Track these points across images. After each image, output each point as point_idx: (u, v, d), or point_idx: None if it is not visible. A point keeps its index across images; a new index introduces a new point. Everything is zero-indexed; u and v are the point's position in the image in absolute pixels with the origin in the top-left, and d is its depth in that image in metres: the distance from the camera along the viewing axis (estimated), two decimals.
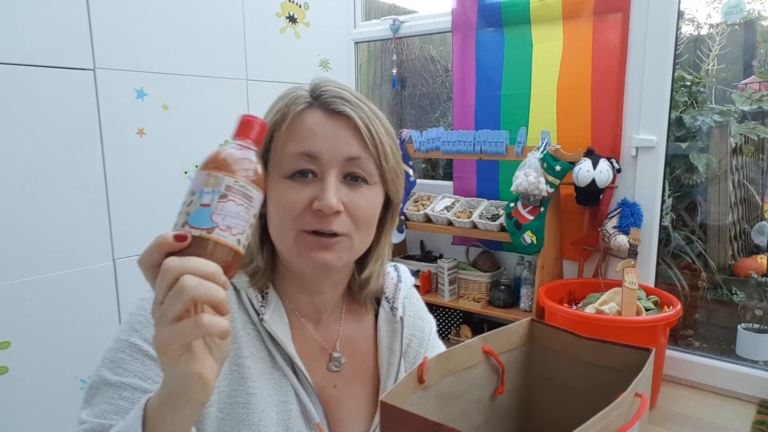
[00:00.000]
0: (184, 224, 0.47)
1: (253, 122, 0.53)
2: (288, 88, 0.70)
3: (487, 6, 2.10)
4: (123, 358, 0.62)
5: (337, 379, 0.75)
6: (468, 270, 2.15)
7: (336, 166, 0.64)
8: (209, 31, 1.80)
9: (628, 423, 0.47)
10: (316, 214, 0.64)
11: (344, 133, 0.65)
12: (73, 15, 1.47)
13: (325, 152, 0.64)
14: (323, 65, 2.26)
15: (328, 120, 0.65)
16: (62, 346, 1.50)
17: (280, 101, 0.68)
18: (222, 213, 0.48)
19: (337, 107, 0.64)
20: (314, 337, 0.75)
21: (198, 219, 0.47)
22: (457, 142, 2.04)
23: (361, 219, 0.67)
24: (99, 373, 0.63)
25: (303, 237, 0.65)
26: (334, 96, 0.65)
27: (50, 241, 1.46)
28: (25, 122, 1.40)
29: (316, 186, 0.64)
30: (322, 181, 0.64)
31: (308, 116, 0.65)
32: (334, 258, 0.66)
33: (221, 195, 0.48)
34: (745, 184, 2.26)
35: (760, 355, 1.91)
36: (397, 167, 0.70)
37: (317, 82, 0.68)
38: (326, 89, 0.66)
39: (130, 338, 0.63)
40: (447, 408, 0.59)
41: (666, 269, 2.20)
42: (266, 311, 0.69)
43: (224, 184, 0.49)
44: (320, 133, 0.64)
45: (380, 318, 0.79)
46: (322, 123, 0.64)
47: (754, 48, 2.20)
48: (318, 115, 0.65)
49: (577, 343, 0.62)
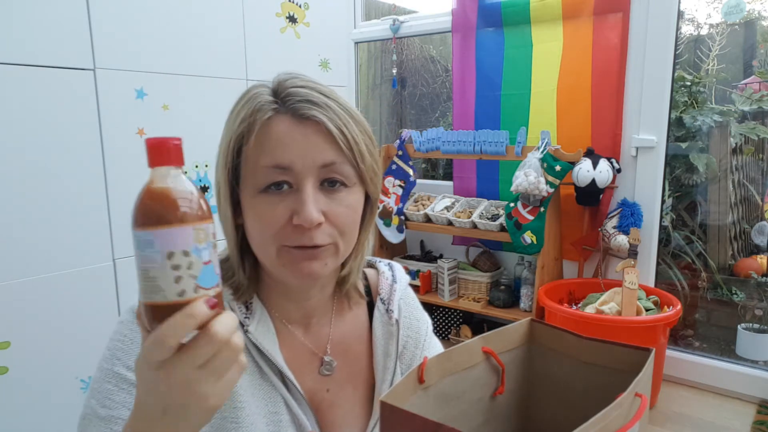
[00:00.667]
0: (197, 289, 0.44)
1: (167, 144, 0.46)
2: (250, 88, 0.64)
3: (487, 6, 2.10)
4: (109, 389, 0.62)
5: (330, 383, 0.74)
6: (468, 270, 2.15)
7: (311, 175, 0.61)
8: (209, 31, 1.80)
9: (628, 423, 0.47)
10: (296, 228, 0.61)
11: (316, 139, 0.61)
12: (73, 15, 1.47)
13: (298, 162, 0.60)
14: (323, 65, 2.26)
15: (298, 126, 0.61)
16: (62, 346, 1.50)
17: (243, 107, 0.63)
18: (216, 263, 0.46)
19: (306, 112, 0.60)
20: (303, 343, 0.74)
21: (207, 279, 0.45)
22: (457, 142, 2.04)
23: (344, 226, 0.64)
24: (89, 404, 0.63)
25: (286, 251, 0.63)
26: (301, 100, 0.61)
27: (50, 241, 1.46)
28: (25, 122, 1.40)
29: (293, 198, 0.61)
30: (299, 192, 0.61)
31: (276, 125, 0.61)
32: (320, 267, 0.64)
33: (213, 245, 0.46)
34: (745, 184, 2.26)
35: (760, 355, 1.91)
36: (375, 165, 0.67)
37: (280, 81, 0.63)
38: (291, 91, 0.61)
39: (114, 368, 0.63)
40: (447, 408, 0.59)
41: (666, 269, 2.20)
42: (251, 322, 0.67)
43: (211, 233, 0.46)
44: (291, 142, 0.60)
45: (375, 320, 0.77)
46: (291, 131, 0.60)
47: (754, 48, 2.20)
48: (286, 122, 0.61)
49: (577, 343, 0.62)
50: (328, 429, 0.72)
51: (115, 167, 1.59)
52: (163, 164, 0.45)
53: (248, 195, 0.63)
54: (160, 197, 0.44)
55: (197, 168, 1.80)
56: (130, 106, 1.61)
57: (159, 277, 0.43)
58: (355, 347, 0.77)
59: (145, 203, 0.44)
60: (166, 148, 0.45)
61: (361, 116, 0.66)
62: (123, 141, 1.60)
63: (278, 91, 0.63)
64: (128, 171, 1.62)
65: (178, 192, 0.45)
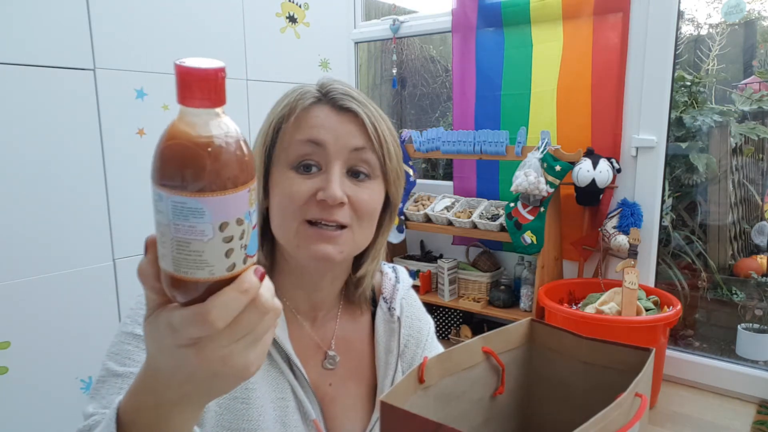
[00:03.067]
0: (246, 259, 0.38)
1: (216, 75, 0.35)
2: (295, 86, 0.71)
3: (487, 6, 2.10)
4: (129, 349, 0.62)
5: (333, 378, 0.75)
6: (468, 270, 2.15)
7: (341, 157, 0.66)
8: (209, 31, 1.80)
9: (628, 423, 0.47)
10: (319, 204, 0.64)
11: (350, 127, 0.66)
12: (73, 15, 1.47)
13: (331, 142, 0.65)
14: (323, 65, 2.26)
15: (335, 114, 0.67)
16: (62, 346, 1.50)
17: (287, 97, 0.69)
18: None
19: (345, 103, 0.67)
20: (310, 335, 0.75)
21: (253, 245, 0.39)
22: (457, 142, 2.04)
23: (364, 212, 0.67)
24: (105, 366, 0.63)
25: (305, 228, 0.65)
26: (342, 93, 0.67)
27: (50, 241, 1.46)
28: (25, 122, 1.40)
29: (321, 178, 0.65)
30: (327, 173, 0.65)
31: (316, 110, 0.67)
32: (335, 251, 0.66)
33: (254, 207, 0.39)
34: (745, 184, 2.26)
35: (760, 355, 1.91)
36: (399, 168, 0.71)
37: (324, 80, 0.70)
38: (334, 87, 0.68)
39: (135, 330, 0.64)
40: (447, 408, 0.59)
41: (666, 269, 2.20)
42: None
43: (255, 192, 0.38)
44: (327, 124, 0.66)
45: (377, 318, 0.79)
46: (329, 116, 0.66)
47: (754, 48, 2.20)
48: (325, 109, 0.67)
49: (577, 343, 0.62)
50: (330, 422, 0.73)
51: (115, 167, 1.59)
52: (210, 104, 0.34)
53: (278, 171, 0.67)
54: (214, 154, 0.34)
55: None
56: (130, 106, 1.61)
57: (206, 251, 0.35)
58: (358, 345, 0.78)
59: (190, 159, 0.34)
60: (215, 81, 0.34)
61: (392, 125, 0.72)
62: (123, 141, 1.60)
63: (321, 86, 0.70)
64: (128, 171, 1.62)
65: (233, 145, 0.35)
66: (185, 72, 0.34)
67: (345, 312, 0.79)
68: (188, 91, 0.34)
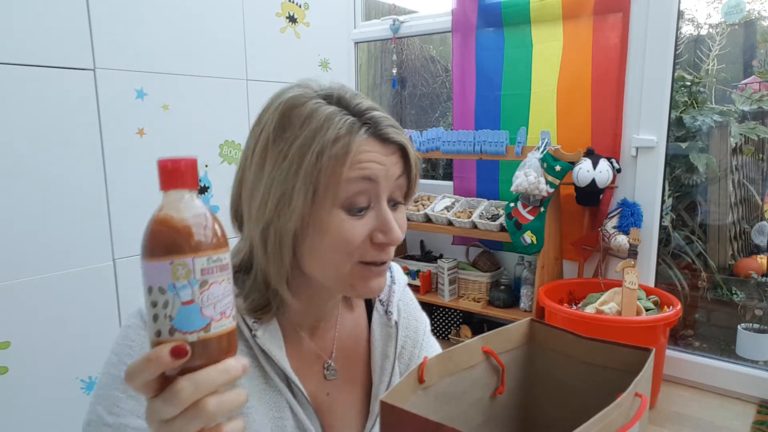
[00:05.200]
0: (172, 331, 0.40)
1: (181, 165, 0.42)
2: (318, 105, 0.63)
3: (487, 6, 2.10)
4: (117, 396, 0.61)
5: (330, 387, 0.74)
6: (468, 270, 2.15)
7: (387, 190, 0.64)
8: (209, 31, 1.80)
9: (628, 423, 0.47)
10: (376, 246, 0.63)
11: (395, 158, 0.65)
12: (73, 15, 1.47)
13: (382, 177, 0.63)
14: (323, 65, 2.26)
15: (382, 146, 0.64)
16: (62, 346, 1.50)
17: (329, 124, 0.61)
18: (211, 302, 0.41)
19: (394, 137, 0.64)
20: (310, 347, 0.74)
21: (187, 321, 0.40)
22: (457, 142, 2.04)
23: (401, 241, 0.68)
24: (95, 410, 0.62)
25: (360, 269, 0.64)
26: (389, 125, 0.64)
27: (50, 241, 1.46)
28: (25, 122, 1.40)
29: (372, 216, 0.63)
30: (379, 211, 0.63)
31: (366, 144, 0.62)
32: (384, 282, 0.67)
33: (201, 283, 0.40)
34: (745, 184, 2.26)
35: (760, 355, 1.91)
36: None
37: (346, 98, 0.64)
38: (377, 117, 0.63)
39: (121, 374, 0.62)
40: (447, 408, 0.59)
41: (666, 269, 2.20)
42: (259, 327, 0.67)
43: (198, 269, 0.40)
44: (378, 159, 0.63)
45: (374, 322, 0.78)
46: (378, 150, 0.63)
47: (754, 48, 2.20)
48: (374, 143, 0.63)
49: (577, 343, 0.62)
50: (328, 431, 0.72)
51: (115, 167, 1.59)
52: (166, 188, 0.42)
53: (324, 209, 0.61)
54: (148, 226, 0.41)
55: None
56: (130, 106, 1.61)
57: (144, 311, 0.41)
58: (354, 348, 0.77)
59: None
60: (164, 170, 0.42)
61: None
62: (123, 141, 1.60)
63: (353, 110, 0.63)
64: (128, 171, 1.62)
65: (162, 221, 0.41)
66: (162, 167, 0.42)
67: (343, 317, 0.78)
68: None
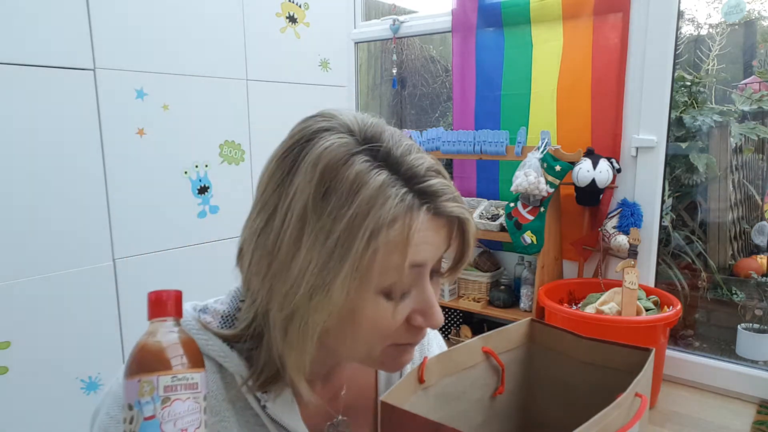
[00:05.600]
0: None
1: (163, 297, 0.49)
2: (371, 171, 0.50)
3: (487, 6, 2.10)
4: None
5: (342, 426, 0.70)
6: (468, 270, 2.15)
7: (431, 269, 0.55)
8: (209, 31, 1.80)
9: (628, 423, 0.47)
10: (412, 328, 0.56)
11: (445, 232, 0.54)
12: (73, 15, 1.47)
13: (430, 260, 0.54)
14: (323, 65, 2.26)
15: (434, 221, 0.53)
16: (62, 346, 1.50)
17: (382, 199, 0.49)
18: (171, 417, 0.44)
19: (452, 211, 0.53)
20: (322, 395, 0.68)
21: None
22: (457, 142, 2.04)
23: None
24: None
25: (392, 349, 0.57)
26: (450, 199, 0.53)
27: (50, 241, 1.46)
28: (25, 122, 1.40)
29: (413, 297, 0.55)
30: (421, 291, 0.54)
31: (419, 221, 0.51)
32: (411, 357, 0.60)
33: (163, 399, 0.44)
34: (745, 184, 2.26)
35: (760, 355, 1.91)
36: None
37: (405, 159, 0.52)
38: (433, 186, 0.52)
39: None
40: (447, 408, 0.59)
41: (666, 269, 2.20)
42: (269, 397, 0.59)
43: (162, 386, 0.44)
44: (429, 240, 0.53)
45: None
46: (430, 228, 0.52)
47: (754, 48, 2.20)
48: (427, 218, 0.52)
49: (577, 343, 0.62)
50: None
51: (115, 167, 1.59)
52: (151, 317, 0.49)
53: (361, 294, 0.52)
54: (131, 350, 0.47)
55: (197, 168, 1.80)
56: (130, 106, 1.61)
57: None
58: (363, 380, 0.73)
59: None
60: (150, 302, 0.49)
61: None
62: (123, 141, 1.60)
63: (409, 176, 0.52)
64: (128, 171, 1.62)
65: (142, 346, 0.46)
66: (149, 299, 0.49)
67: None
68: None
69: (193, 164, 1.79)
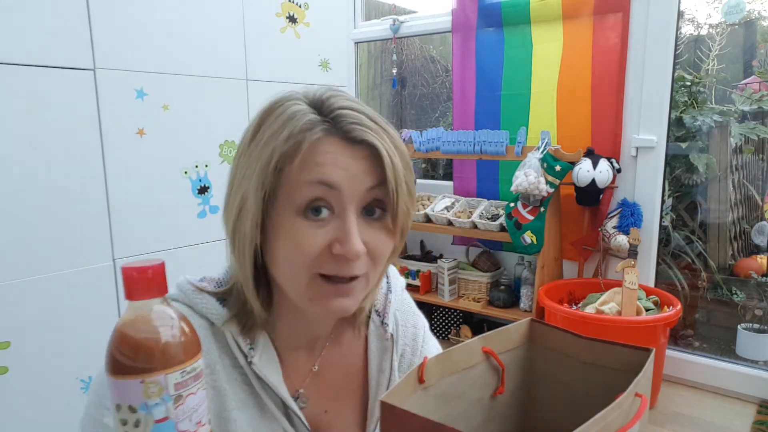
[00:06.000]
0: None
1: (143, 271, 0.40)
2: (281, 102, 0.60)
3: (487, 6, 2.10)
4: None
5: (329, 404, 0.72)
6: (468, 270, 2.15)
7: (355, 199, 0.58)
8: (209, 31, 1.80)
9: (628, 423, 0.47)
10: (335, 257, 0.57)
11: (366, 163, 0.57)
12: (73, 15, 1.47)
13: (345, 184, 0.56)
14: (323, 65, 2.26)
15: (348, 148, 0.57)
16: (62, 346, 1.50)
17: (285, 125, 0.57)
18: (186, 414, 0.40)
19: (359, 135, 0.57)
20: (306, 366, 0.71)
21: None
22: (457, 142, 2.04)
23: (380, 256, 0.61)
24: None
25: (318, 283, 0.59)
26: (354, 122, 0.57)
27: (50, 241, 1.46)
28: (25, 122, 1.40)
29: (335, 225, 0.57)
30: (342, 220, 0.57)
31: (326, 145, 0.57)
32: (352, 303, 0.61)
33: (175, 399, 0.39)
34: (745, 184, 2.26)
35: (760, 355, 1.91)
36: (410, 201, 0.63)
37: (322, 98, 0.59)
38: (343, 113, 0.58)
39: (103, 418, 0.59)
40: (447, 408, 0.59)
41: (666, 269, 2.20)
42: (255, 354, 0.63)
43: (171, 384, 0.39)
44: (340, 162, 0.56)
45: (370, 334, 0.76)
46: (341, 151, 0.57)
47: (754, 48, 2.21)
48: (336, 142, 0.57)
49: (577, 343, 0.62)
50: None
51: (115, 167, 1.59)
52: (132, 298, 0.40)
53: (283, 216, 0.57)
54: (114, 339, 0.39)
55: (197, 168, 1.80)
56: (130, 106, 1.61)
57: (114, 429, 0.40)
58: (351, 363, 0.75)
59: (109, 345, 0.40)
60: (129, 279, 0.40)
61: (404, 146, 0.63)
62: (123, 141, 1.60)
63: (322, 108, 0.58)
64: (128, 171, 1.62)
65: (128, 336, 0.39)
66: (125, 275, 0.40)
67: (339, 333, 0.75)
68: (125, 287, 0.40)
69: (193, 164, 1.79)
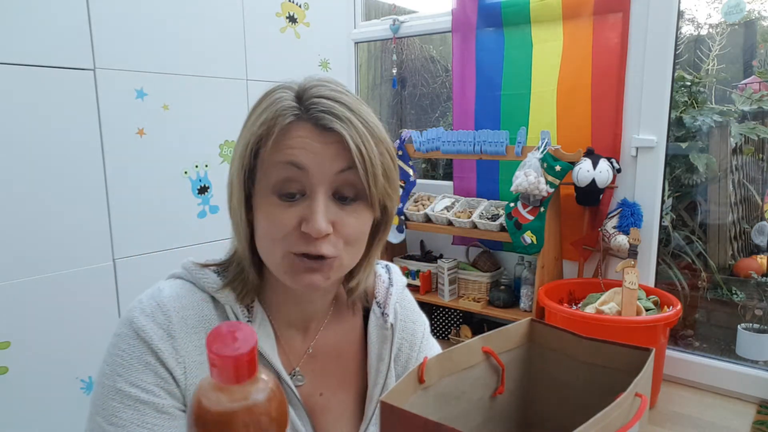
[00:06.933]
0: None
1: (247, 356, 0.38)
2: (273, 89, 0.66)
3: (487, 6, 2.10)
4: (114, 406, 0.61)
5: (324, 387, 0.73)
6: (468, 270, 2.15)
7: (324, 182, 0.61)
8: (209, 31, 1.80)
9: (628, 423, 0.47)
10: (303, 236, 0.61)
11: (334, 148, 0.61)
12: (73, 15, 1.47)
13: (313, 166, 0.60)
14: (323, 65, 2.26)
15: (318, 134, 0.61)
16: (62, 346, 1.50)
17: (264, 111, 0.63)
18: None
19: (327, 123, 0.60)
20: (302, 347, 0.73)
21: None
22: (457, 142, 2.04)
23: (351, 238, 0.64)
24: (95, 420, 0.62)
25: (290, 258, 0.62)
26: (324, 111, 0.61)
27: (50, 241, 1.46)
28: (25, 122, 1.40)
29: (304, 205, 0.61)
30: (311, 200, 0.61)
31: (296, 129, 0.61)
32: (321, 279, 0.64)
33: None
34: (745, 184, 2.26)
35: (760, 355, 1.91)
36: (389, 186, 0.66)
37: (306, 87, 0.63)
38: (316, 101, 0.61)
39: (116, 384, 0.62)
40: (447, 408, 0.59)
41: (666, 269, 2.20)
42: (253, 326, 0.67)
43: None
44: (308, 146, 0.61)
45: (370, 323, 0.77)
46: (310, 136, 0.61)
47: (754, 48, 2.21)
48: (307, 128, 0.61)
49: (577, 343, 0.62)
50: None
51: (115, 167, 1.59)
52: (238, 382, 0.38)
53: (262, 196, 0.63)
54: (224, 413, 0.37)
55: (197, 168, 1.80)
56: (130, 106, 1.62)
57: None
58: (348, 350, 0.77)
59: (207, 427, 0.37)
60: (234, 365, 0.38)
61: (383, 132, 0.65)
62: (123, 141, 1.60)
63: (302, 96, 0.63)
64: (128, 171, 1.62)
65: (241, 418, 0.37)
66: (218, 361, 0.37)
67: (335, 318, 0.77)
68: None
69: (193, 164, 1.79)
